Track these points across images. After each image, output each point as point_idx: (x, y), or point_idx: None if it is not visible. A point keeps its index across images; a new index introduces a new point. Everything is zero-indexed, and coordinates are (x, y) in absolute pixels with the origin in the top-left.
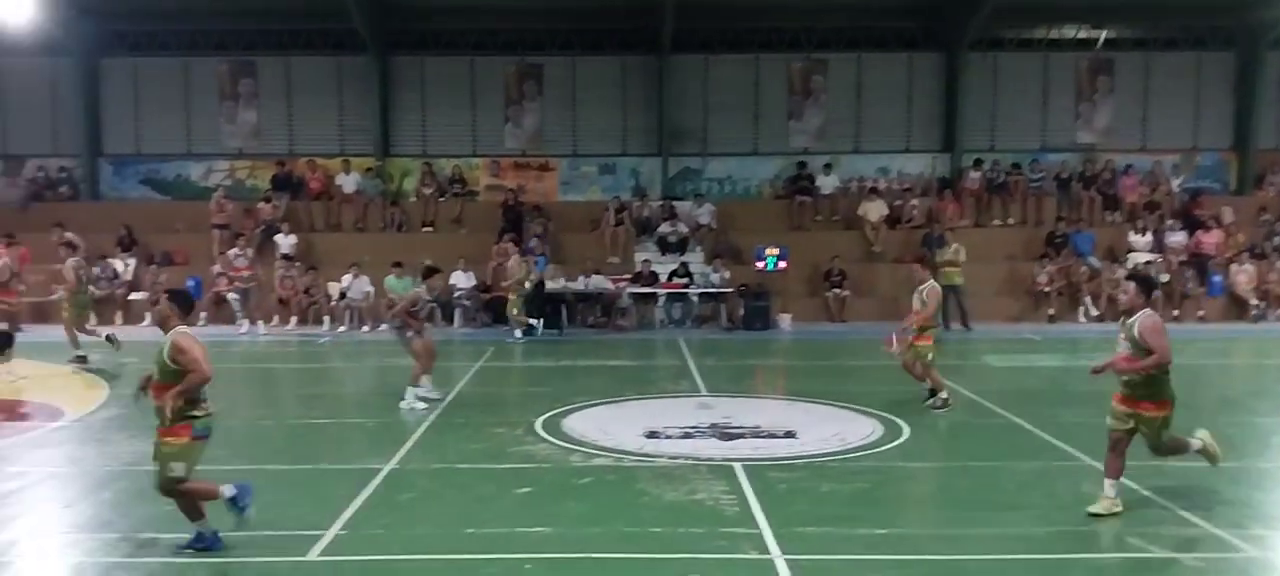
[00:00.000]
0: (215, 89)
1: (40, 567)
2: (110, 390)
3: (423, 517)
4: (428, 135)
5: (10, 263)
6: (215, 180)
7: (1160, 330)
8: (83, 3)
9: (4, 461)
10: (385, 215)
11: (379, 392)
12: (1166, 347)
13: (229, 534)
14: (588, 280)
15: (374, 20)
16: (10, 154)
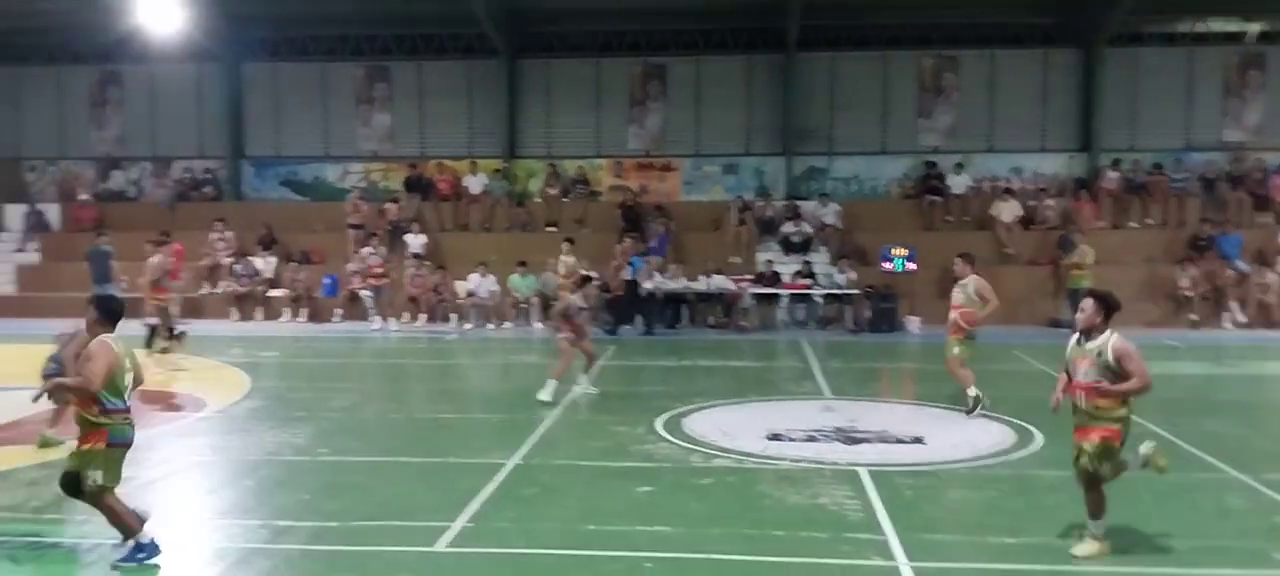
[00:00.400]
0: (351, 93)
1: (183, 551)
2: (251, 382)
3: (546, 513)
4: (553, 137)
5: (164, 260)
6: (351, 182)
7: (1135, 352)
8: (228, 10)
9: (152, 449)
10: (511, 215)
11: (504, 389)
12: (1146, 370)
13: (360, 523)
14: (709, 280)
15: (503, 25)
16: (159, 155)
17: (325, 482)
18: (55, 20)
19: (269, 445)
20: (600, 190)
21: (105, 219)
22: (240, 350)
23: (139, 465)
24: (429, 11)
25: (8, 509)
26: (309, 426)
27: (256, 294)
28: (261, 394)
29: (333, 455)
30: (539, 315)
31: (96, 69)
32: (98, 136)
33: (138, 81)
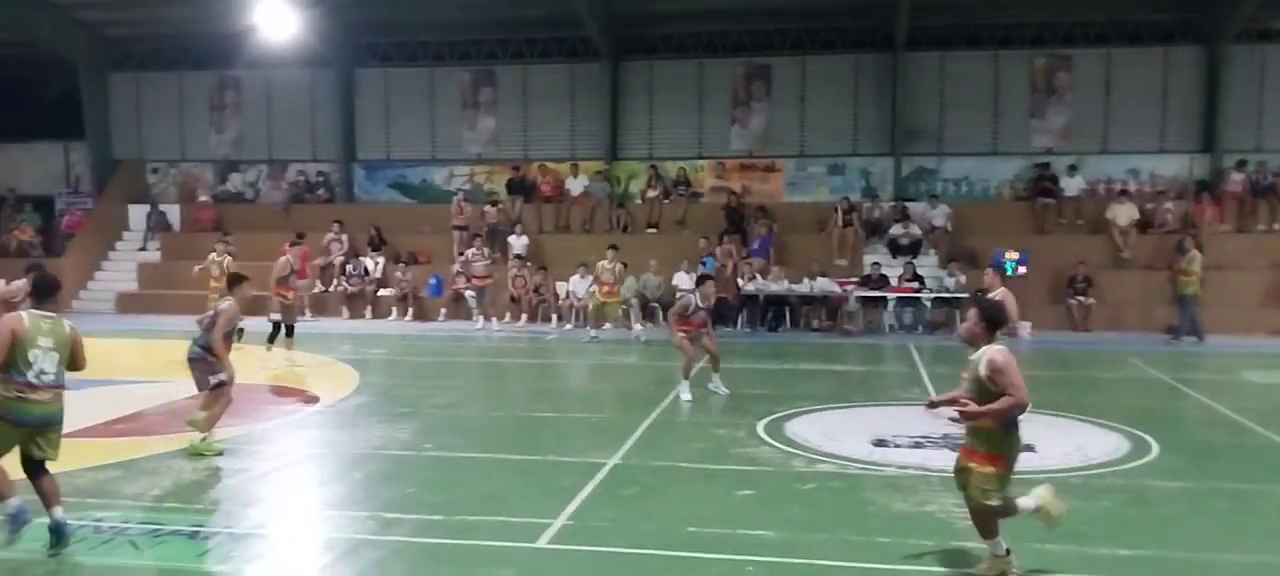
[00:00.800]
0: (458, 97)
1: (296, 541)
2: (360, 378)
3: (645, 513)
4: (654, 138)
5: (291, 259)
6: (456, 184)
7: (1011, 367)
8: (340, 17)
9: (266, 442)
10: (611, 217)
11: (603, 389)
12: (1022, 388)
13: (463, 517)
14: (813, 282)
15: (607, 27)
16: (275, 159)
17: (430, 477)
18: (177, 27)
19: (376, 439)
20: (702, 191)
21: (223, 220)
22: (350, 347)
23: (255, 457)
24: (534, 16)
25: (130, 497)
26: (414, 422)
27: (366, 293)
28: (370, 390)
29: (437, 450)
30: (638, 316)
31: (216, 74)
32: (217, 140)
33: (255, 87)
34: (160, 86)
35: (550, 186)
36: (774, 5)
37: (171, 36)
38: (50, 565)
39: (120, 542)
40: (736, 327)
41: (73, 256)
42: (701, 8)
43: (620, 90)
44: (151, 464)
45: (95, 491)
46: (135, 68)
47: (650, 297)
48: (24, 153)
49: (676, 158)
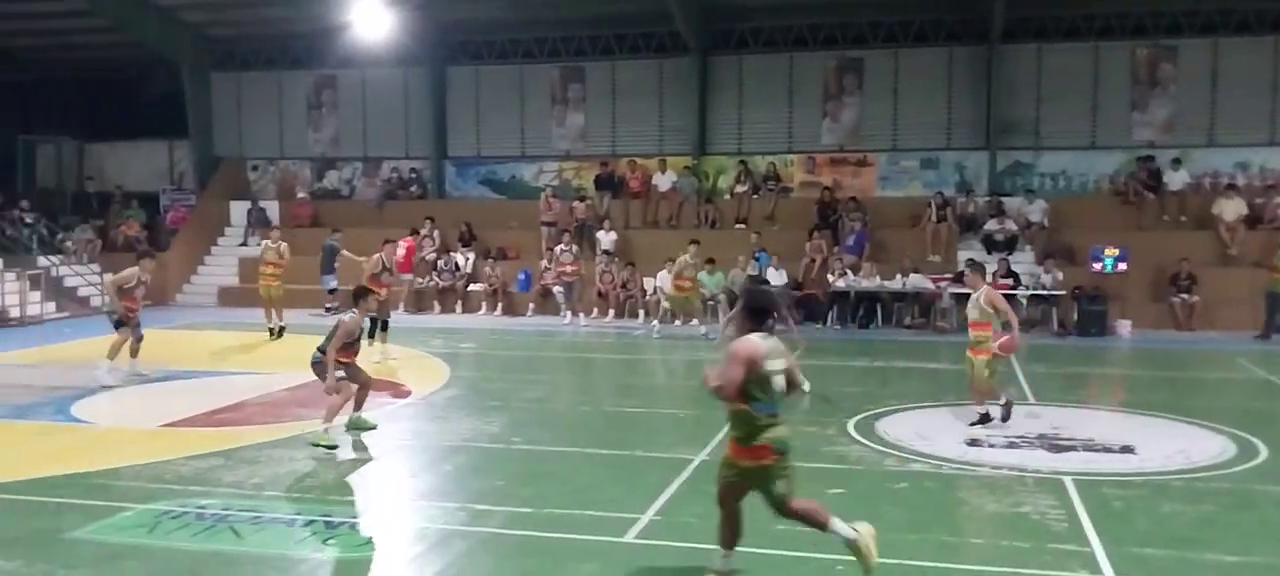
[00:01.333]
0: (547, 94)
1: (390, 530)
2: (450, 371)
3: None
4: (744, 133)
5: (383, 257)
6: (545, 180)
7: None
8: (433, 16)
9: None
10: (699, 212)
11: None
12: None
13: (551, 510)
14: (905, 279)
15: (696, 22)
16: (370, 156)
17: (518, 470)
18: (276, 27)
19: (466, 432)
20: (792, 186)
21: (320, 216)
22: (441, 342)
23: (350, 447)
24: (623, 11)
25: (231, 485)
26: (503, 415)
27: (456, 288)
28: (459, 383)
29: (525, 444)
30: (727, 312)
31: (313, 74)
32: (314, 137)
33: (350, 85)
34: (260, 85)
35: (638, 182)
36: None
37: (271, 36)
38: (158, 549)
39: (222, 529)
40: (826, 325)
41: (177, 251)
42: (792, 1)
43: (709, 85)
44: (251, 453)
45: (198, 479)
46: (236, 67)
47: (738, 294)
48: (131, 151)
49: (766, 152)
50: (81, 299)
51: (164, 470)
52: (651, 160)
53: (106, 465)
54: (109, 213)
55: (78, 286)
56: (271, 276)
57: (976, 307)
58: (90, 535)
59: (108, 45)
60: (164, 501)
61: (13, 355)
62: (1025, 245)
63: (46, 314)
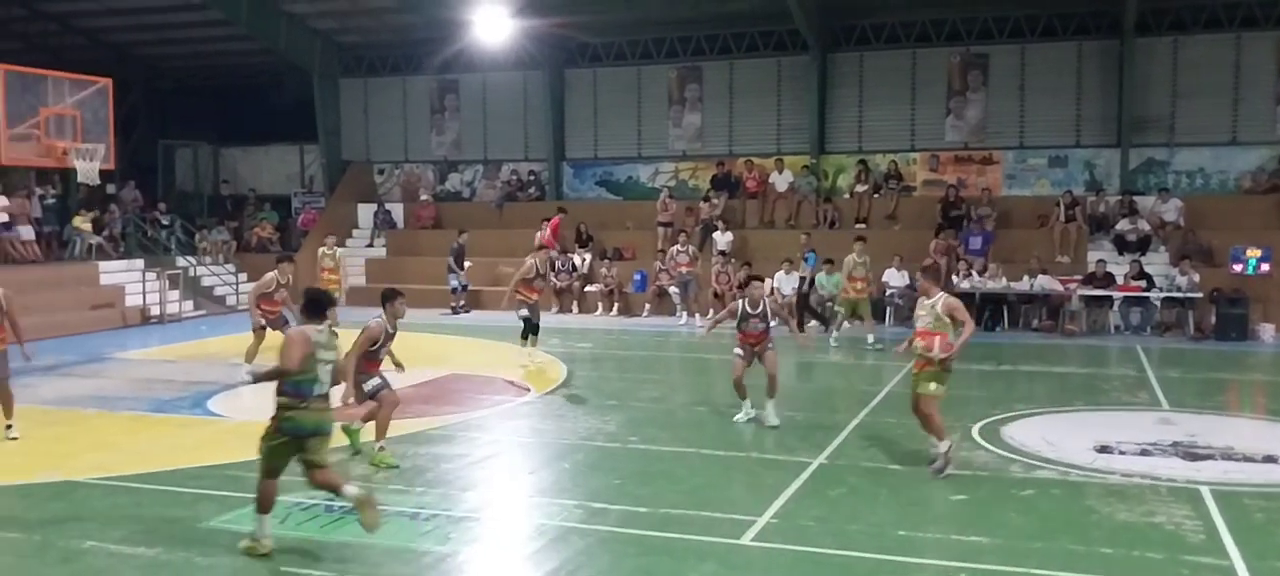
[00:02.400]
0: (664, 94)
1: (509, 525)
2: (568, 370)
3: (853, 514)
4: (864, 131)
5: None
6: (661, 181)
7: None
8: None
9: (481, 430)
10: (818, 212)
11: (808, 387)
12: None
13: (668, 510)
14: (1033, 280)
15: (815, 20)
16: (490, 159)
17: (635, 469)
18: (402, 34)
19: (583, 430)
20: (914, 185)
21: (442, 217)
22: (558, 341)
23: (470, 443)
24: (742, 10)
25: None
26: (620, 414)
27: (573, 288)
28: (577, 382)
29: (642, 443)
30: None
31: (435, 79)
32: (437, 141)
33: (472, 89)
34: (385, 91)
35: (755, 182)
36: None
37: (396, 43)
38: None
39: (349, 521)
40: None
41: (307, 252)
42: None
43: (829, 83)
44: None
45: None
46: (363, 73)
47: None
48: (263, 155)
49: (887, 150)
50: (217, 298)
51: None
52: (769, 160)
53: (240, 458)
54: (243, 215)
55: (214, 286)
56: (329, 280)
57: (932, 315)
58: (225, 524)
59: (242, 54)
60: (293, 493)
61: (153, 352)
62: (1159, 245)
63: (185, 312)
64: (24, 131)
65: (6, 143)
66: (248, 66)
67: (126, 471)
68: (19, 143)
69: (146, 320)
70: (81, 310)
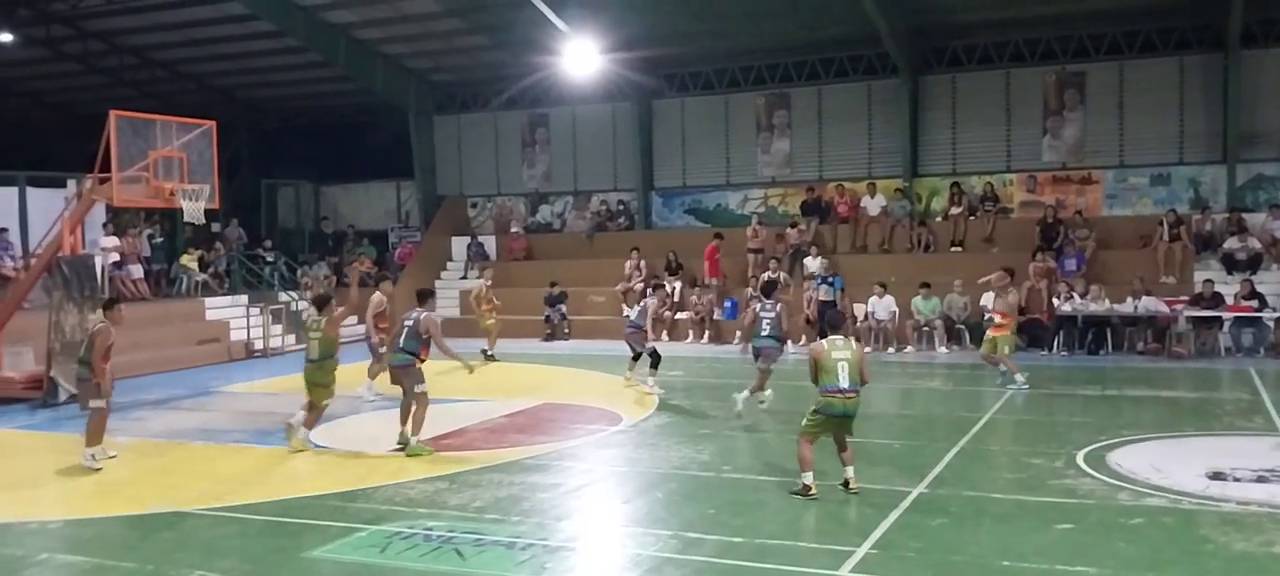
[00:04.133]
0: (752, 122)
1: (603, 556)
2: (660, 399)
3: (955, 545)
4: (958, 152)
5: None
6: (750, 208)
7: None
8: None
9: (574, 459)
10: (912, 236)
11: (905, 414)
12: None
13: (764, 541)
14: (1137, 302)
15: (906, 43)
16: (580, 190)
17: (730, 499)
18: (493, 71)
19: (676, 460)
20: (1011, 207)
21: (533, 249)
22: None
23: (565, 473)
24: (830, 36)
25: (455, 508)
26: (713, 443)
27: (663, 317)
28: (669, 411)
29: (736, 472)
30: (943, 338)
31: (526, 113)
32: (528, 174)
33: (561, 123)
34: (478, 126)
35: (846, 206)
36: (1089, 9)
37: (488, 80)
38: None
39: (447, 551)
40: (1052, 351)
41: (404, 285)
42: (1009, 16)
43: (920, 105)
44: (474, 476)
45: (425, 501)
46: (456, 110)
47: (956, 319)
48: (362, 192)
49: (982, 172)
50: None
51: (394, 493)
52: (860, 183)
53: (341, 487)
54: (342, 250)
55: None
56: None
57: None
58: (326, 554)
59: (340, 94)
60: (393, 523)
61: (257, 385)
62: (1271, 264)
63: (287, 345)
64: (134, 174)
65: (118, 185)
66: (346, 107)
67: (232, 502)
68: (129, 185)
69: (250, 354)
70: (188, 345)
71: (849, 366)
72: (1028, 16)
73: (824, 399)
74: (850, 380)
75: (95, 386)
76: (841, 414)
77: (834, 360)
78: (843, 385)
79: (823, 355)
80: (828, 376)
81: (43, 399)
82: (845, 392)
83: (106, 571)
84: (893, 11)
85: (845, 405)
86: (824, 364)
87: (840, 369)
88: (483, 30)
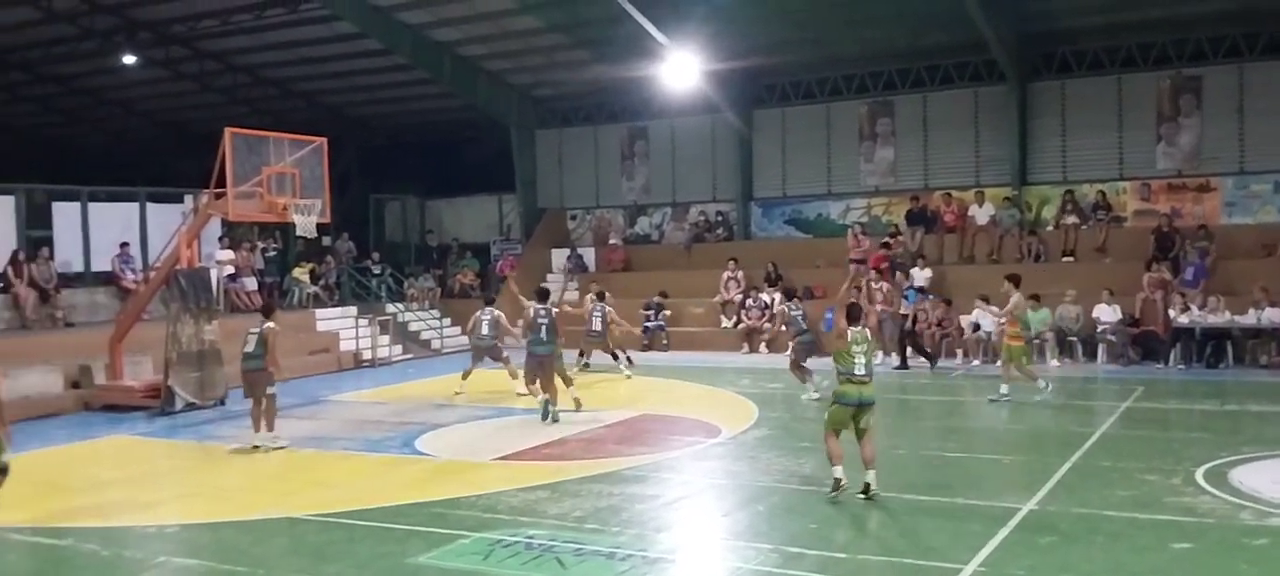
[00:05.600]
0: (854, 131)
1: (703, 568)
2: (759, 411)
3: (1066, 563)
4: (1068, 160)
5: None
6: (852, 217)
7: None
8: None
9: (673, 471)
10: (1021, 245)
11: (1014, 429)
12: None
13: (867, 557)
14: (1260, 313)
15: (1013, 49)
16: (678, 201)
17: (832, 513)
18: (594, 85)
19: (777, 472)
20: (1125, 215)
21: (631, 260)
22: (749, 381)
23: (663, 484)
24: (935, 43)
25: (555, 517)
26: (814, 457)
27: (763, 328)
28: (769, 423)
29: None
30: (1054, 351)
31: (626, 126)
32: (627, 186)
33: (661, 135)
34: (578, 140)
35: (953, 216)
36: (1206, 11)
37: (588, 93)
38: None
39: (548, 559)
40: (1168, 364)
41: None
42: (1121, 21)
43: (1029, 112)
44: (573, 486)
45: (526, 510)
46: (557, 124)
47: (1068, 331)
48: (465, 206)
49: (1094, 180)
50: (423, 342)
51: (496, 501)
52: (967, 192)
53: (446, 495)
54: (446, 262)
55: (420, 330)
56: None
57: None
58: (432, 560)
59: (445, 110)
60: (496, 530)
61: (365, 394)
62: None
63: (394, 356)
64: (248, 189)
65: (233, 200)
66: (450, 122)
67: (341, 508)
68: (244, 200)
69: (359, 364)
70: (300, 355)
71: (865, 355)
72: (1140, 20)
73: (840, 387)
74: (865, 367)
75: (268, 376)
76: (857, 401)
77: (852, 350)
78: (859, 372)
79: (843, 344)
80: (845, 362)
81: (161, 407)
82: (860, 379)
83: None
84: (999, 18)
85: (860, 393)
86: (844, 352)
87: (857, 357)
88: (584, 45)
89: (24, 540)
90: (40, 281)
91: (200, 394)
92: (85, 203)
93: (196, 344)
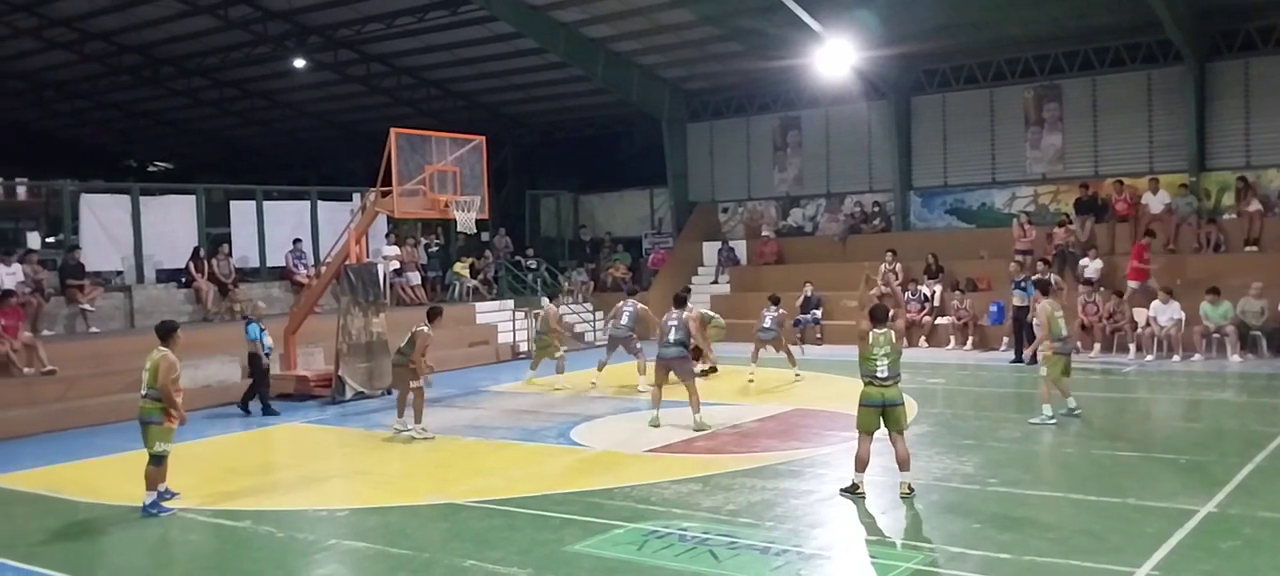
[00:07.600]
0: (1019, 116)
1: (858, 566)
2: (918, 407)
3: (1251, 569)
4: (1251, 144)
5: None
6: (1018, 206)
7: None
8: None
9: (828, 466)
10: (1199, 235)
11: (1191, 428)
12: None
13: (1033, 558)
14: None
15: (1190, 27)
16: (833, 192)
17: (995, 513)
18: (745, 76)
19: (937, 470)
20: None
21: (784, 253)
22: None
23: (818, 480)
24: (1104, 23)
25: (708, 510)
26: (977, 455)
27: (923, 321)
28: (929, 420)
29: (1002, 486)
30: (1235, 346)
31: (777, 116)
32: (779, 177)
33: (814, 124)
34: (729, 132)
35: (1125, 204)
36: None
37: (740, 85)
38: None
39: (702, 552)
40: None
41: (657, 291)
42: None
43: (1207, 94)
44: (726, 480)
45: (679, 502)
46: (709, 117)
47: (1251, 325)
48: (617, 200)
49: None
50: (577, 334)
51: (650, 492)
52: (1140, 179)
53: (601, 485)
54: (599, 256)
55: (574, 323)
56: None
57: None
58: (588, 549)
59: (597, 106)
60: (650, 521)
61: (521, 384)
62: None
63: None
64: (412, 187)
65: (398, 198)
66: (603, 118)
67: (501, 496)
68: (408, 198)
69: (516, 356)
70: (461, 347)
71: (888, 358)
72: None
73: (864, 389)
74: (889, 369)
75: (412, 371)
76: (882, 403)
77: (875, 352)
78: (881, 374)
79: (866, 347)
80: (868, 365)
81: (332, 396)
82: (883, 381)
83: (387, 558)
84: None
85: (883, 394)
86: (867, 354)
87: (880, 360)
88: (736, 36)
89: (207, 521)
90: (220, 276)
91: (369, 383)
92: (260, 201)
93: (365, 336)
